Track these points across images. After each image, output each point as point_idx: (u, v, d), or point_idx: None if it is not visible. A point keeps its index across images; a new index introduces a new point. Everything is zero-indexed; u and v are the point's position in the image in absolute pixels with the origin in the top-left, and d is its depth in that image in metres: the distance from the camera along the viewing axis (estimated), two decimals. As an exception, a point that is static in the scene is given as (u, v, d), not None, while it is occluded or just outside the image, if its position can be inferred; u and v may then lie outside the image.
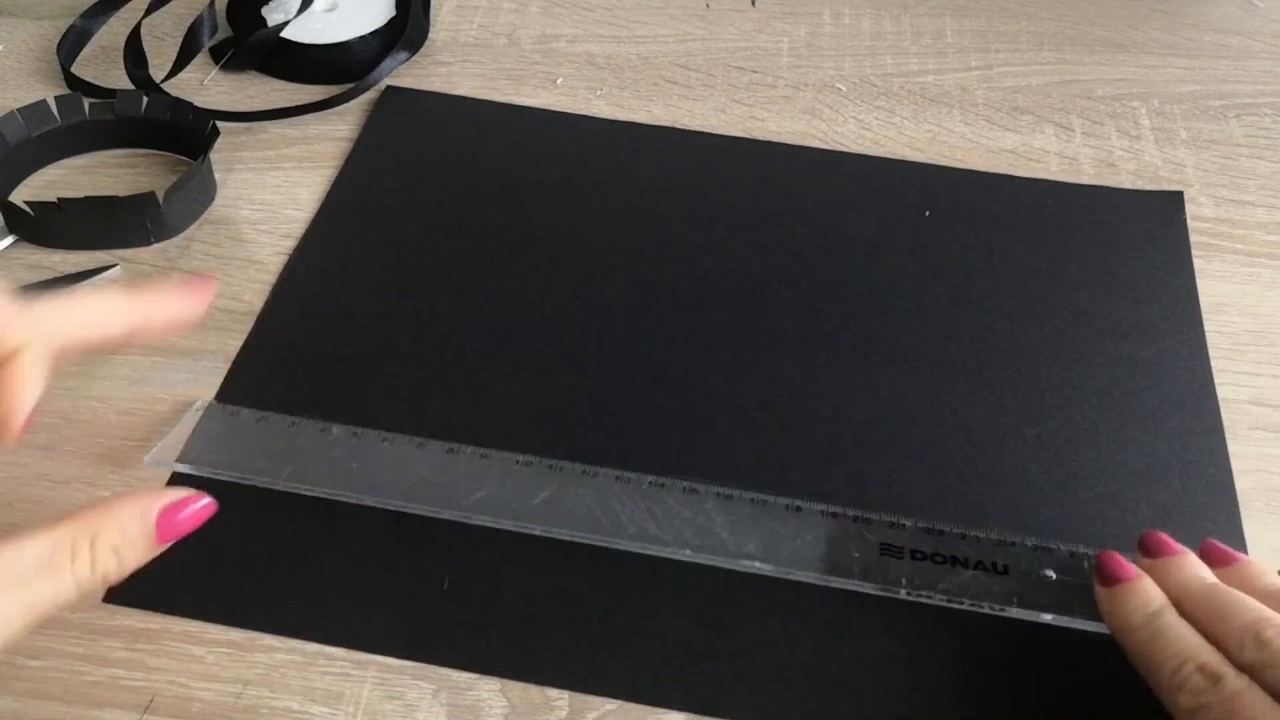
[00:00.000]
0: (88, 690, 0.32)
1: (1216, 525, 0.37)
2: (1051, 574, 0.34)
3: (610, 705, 0.32)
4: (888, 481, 0.38)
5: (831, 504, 0.36)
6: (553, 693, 0.32)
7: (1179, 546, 0.32)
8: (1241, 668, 0.28)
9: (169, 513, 0.29)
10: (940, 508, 0.37)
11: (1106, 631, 0.32)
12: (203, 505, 0.30)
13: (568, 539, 0.34)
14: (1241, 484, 0.38)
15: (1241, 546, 0.36)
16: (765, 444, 0.39)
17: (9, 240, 0.44)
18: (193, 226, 0.46)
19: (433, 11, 0.57)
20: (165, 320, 0.33)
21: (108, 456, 0.37)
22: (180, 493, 0.29)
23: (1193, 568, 0.32)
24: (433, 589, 0.34)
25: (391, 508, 0.35)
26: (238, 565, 0.34)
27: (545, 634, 0.33)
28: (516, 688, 0.32)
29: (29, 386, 0.28)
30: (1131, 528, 0.37)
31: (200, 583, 0.34)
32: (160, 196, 0.43)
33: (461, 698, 0.32)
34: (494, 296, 0.43)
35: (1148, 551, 0.33)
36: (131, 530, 0.28)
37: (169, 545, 0.29)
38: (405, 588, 0.34)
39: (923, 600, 0.33)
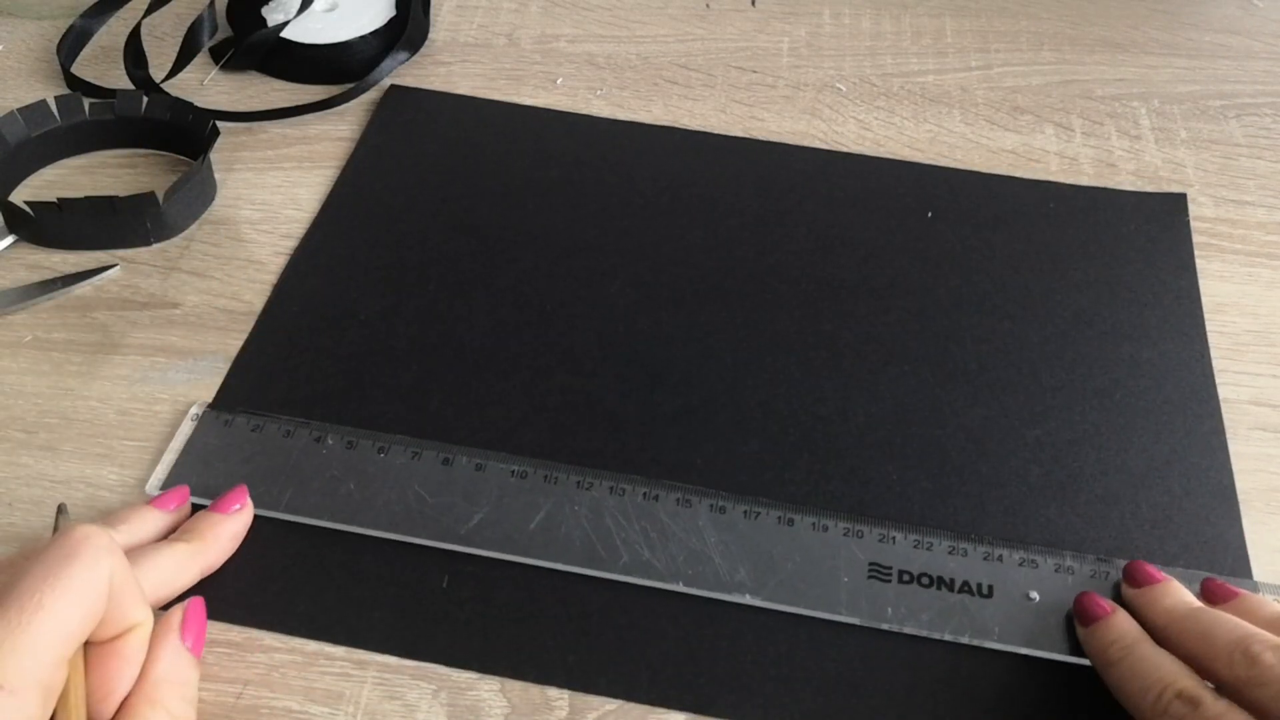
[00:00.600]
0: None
1: (1216, 526, 0.37)
2: (1035, 595, 0.34)
3: (610, 705, 0.32)
4: (887, 482, 0.38)
5: (826, 511, 0.36)
6: (553, 692, 0.32)
7: (1163, 575, 0.34)
8: (1230, 685, 0.29)
9: (191, 636, 0.30)
10: (940, 509, 0.37)
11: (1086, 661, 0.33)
12: (200, 603, 0.31)
13: (564, 570, 0.34)
14: (1242, 484, 0.38)
15: (1241, 547, 0.36)
16: (765, 444, 0.38)
17: (9, 240, 0.44)
18: (193, 226, 0.46)
19: (433, 11, 0.57)
20: (229, 550, 0.34)
21: (108, 456, 0.37)
22: (177, 613, 0.30)
23: (1178, 594, 0.33)
24: (432, 588, 0.34)
25: (391, 538, 0.35)
26: (237, 565, 0.34)
27: (545, 634, 0.33)
28: (516, 688, 0.32)
29: (135, 665, 0.29)
30: (1132, 529, 0.37)
31: (199, 583, 0.34)
32: (160, 196, 0.43)
33: (461, 698, 0.32)
34: (494, 296, 0.43)
35: (1133, 581, 0.34)
36: (180, 674, 0.29)
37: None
38: (405, 587, 0.34)
39: (906, 633, 0.33)
